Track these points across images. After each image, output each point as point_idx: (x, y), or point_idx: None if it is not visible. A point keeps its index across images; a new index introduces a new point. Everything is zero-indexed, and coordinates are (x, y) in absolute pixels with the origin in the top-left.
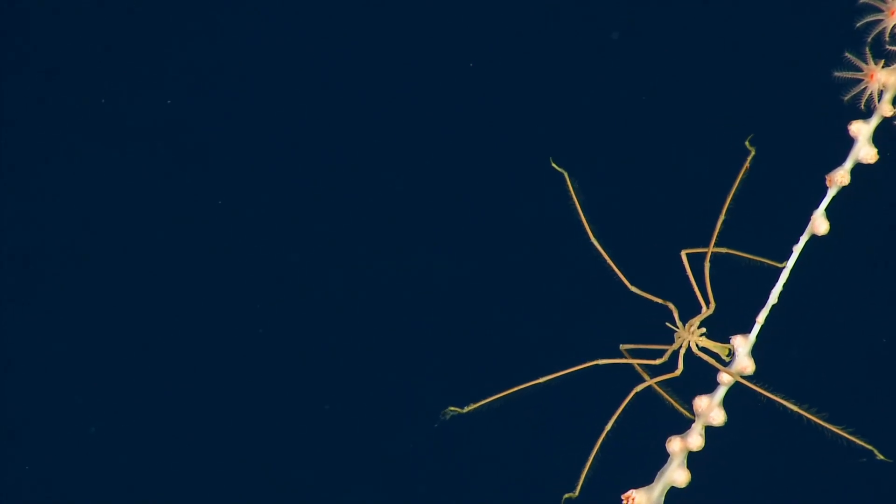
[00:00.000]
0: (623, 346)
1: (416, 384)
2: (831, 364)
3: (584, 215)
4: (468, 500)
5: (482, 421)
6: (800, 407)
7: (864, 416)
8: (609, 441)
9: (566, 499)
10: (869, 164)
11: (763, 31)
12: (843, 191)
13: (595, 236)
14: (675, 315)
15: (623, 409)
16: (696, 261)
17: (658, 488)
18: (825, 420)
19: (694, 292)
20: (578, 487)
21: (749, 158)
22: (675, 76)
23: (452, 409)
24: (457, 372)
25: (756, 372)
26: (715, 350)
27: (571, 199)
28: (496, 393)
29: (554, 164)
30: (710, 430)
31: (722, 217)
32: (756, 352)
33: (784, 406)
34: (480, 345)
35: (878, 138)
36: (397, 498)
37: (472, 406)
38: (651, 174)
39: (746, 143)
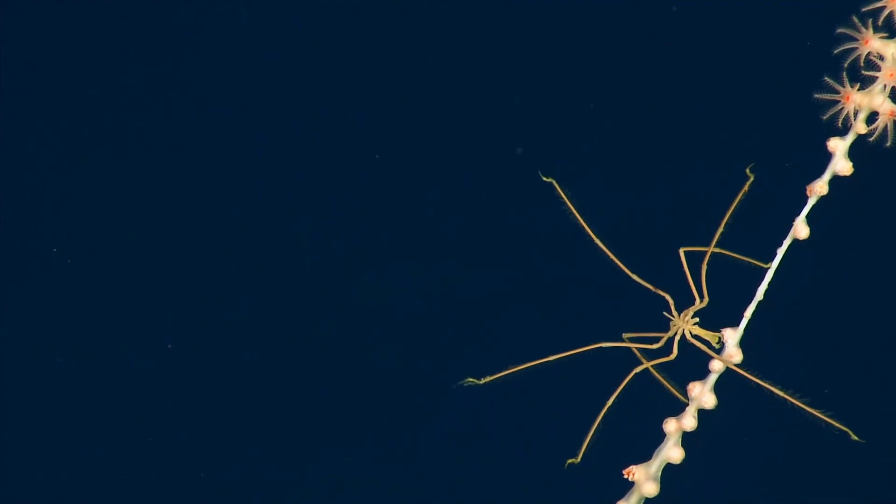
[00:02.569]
0: (625, 335)
1: (437, 366)
2: (811, 354)
3: (582, 217)
4: (482, 464)
5: (497, 393)
6: (783, 392)
7: (840, 401)
8: (612, 423)
9: (569, 464)
10: (845, 176)
11: (754, 57)
12: (822, 200)
13: (597, 236)
14: (672, 305)
15: (623, 388)
16: (692, 259)
17: (655, 464)
18: (806, 404)
19: (689, 286)
20: (581, 453)
21: (748, 183)
22: (678, 96)
23: (471, 379)
24: (479, 352)
25: (743, 361)
26: (706, 338)
27: (566, 205)
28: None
29: (543, 176)
30: (702, 413)
31: (720, 230)
32: (743, 343)
33: (769, 391)
34: (500, 330)
35: (853, 153)
36: (415, 458)
37: (488, 378)
38: (651, 183)
39: (747, 170)
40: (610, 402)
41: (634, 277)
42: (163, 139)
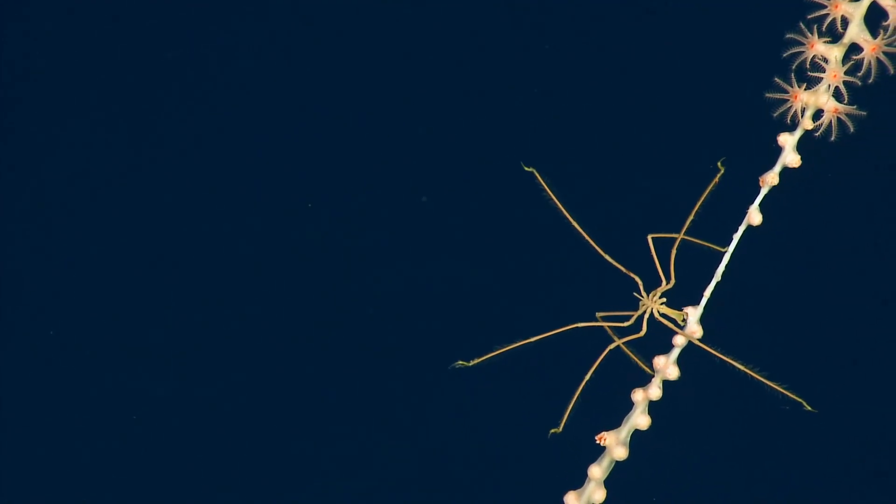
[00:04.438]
0: (599, 314)
1: (430, 349)
2: (765, 328)
3: (561, 204)
4: (475, 434)
5: (487, 372)
6: (738, 363)
7: (791, 372)
8: (585, 394)
9: (552, 433)
10: (794, 168)
11: (711, 61)
12: (773, 189)
13: (574, 221)
14: (641, 286)
15: (598, 363)
16: (658, 244)
17: (625, 430)
18: (761, 375)
19: (657, 270)
20: (562, 423)
21: (718, 175)
22: (647, 98)
23: (461, 362)
24: (468, 335)
25: (703, 335)
26: (673, 316)
27: (546, 193)
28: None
29: (524, 166)
30: (666, 384)
31: (691, 217)
32: (703, 319)
33: (726, 362)
34: (486, 314)
35: (801, 147)
36: (416, 431)
37: (477, 360)
38: (621, 177)
39: (718, 163)
40: (587, 377)
41: (607, 258)
42: (163, 140)
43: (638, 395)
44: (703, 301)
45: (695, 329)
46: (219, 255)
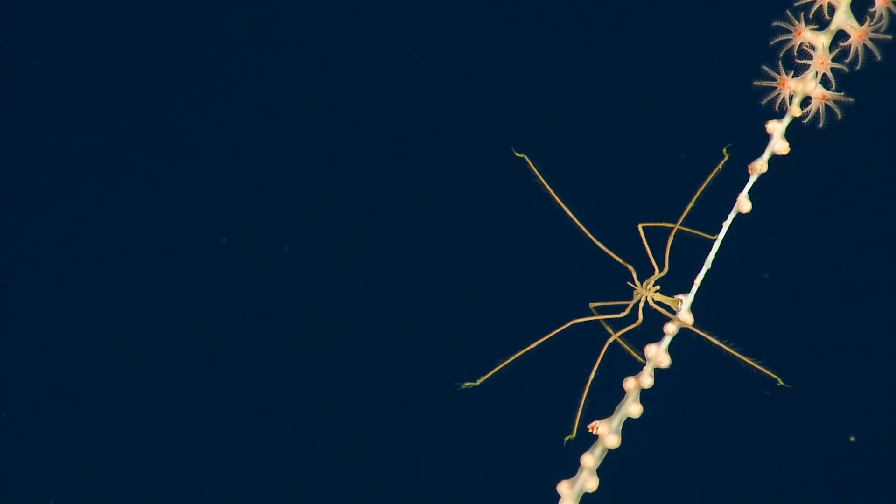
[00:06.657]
0: (593, 304)
1: (426, 347)
2: (755, 315)
3: (552, 189)
4: (467, 424)
5: (491, 383)
6: (728, 345)
7: (781, 358)
8: (578, 383)
9: (567, 440)
10: (782, 155)
11: (699, 50)
12: (762, 177)
13: (567, 208)
14: (634, 275)
15: (599, 361)
16: (655, 234)
17: (617, 419)
18: (752, 360)
19: (650, 259)
20: (575, 429)
21: (722, 162)
22: (639, 89)
23: (468, 383)
24: (464, 326)
25: (694, 322)
26: (667, 303)
27: (538, 179)
28: (496, 358)
29: (515, 152)
30: (658, 372)
31: (691, 204)
32: (694, 307)
33: (716, 345)
34: (482, 305)
35: (789, 134)
36: (417, 436)
37: (483, 378)
38: (614, 166)
39: (724, 150)
40: (591, 377)
41: (601, 246)
42: (163, 139)
43: (630, 384)
44: (694, 289)
45: (686, 317)
46: (213, 256)
